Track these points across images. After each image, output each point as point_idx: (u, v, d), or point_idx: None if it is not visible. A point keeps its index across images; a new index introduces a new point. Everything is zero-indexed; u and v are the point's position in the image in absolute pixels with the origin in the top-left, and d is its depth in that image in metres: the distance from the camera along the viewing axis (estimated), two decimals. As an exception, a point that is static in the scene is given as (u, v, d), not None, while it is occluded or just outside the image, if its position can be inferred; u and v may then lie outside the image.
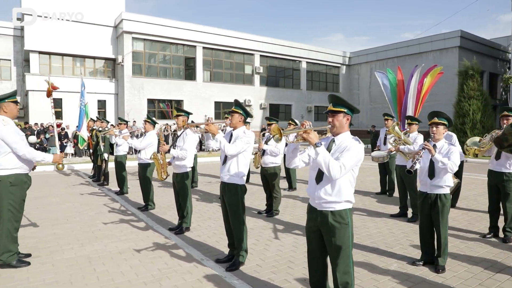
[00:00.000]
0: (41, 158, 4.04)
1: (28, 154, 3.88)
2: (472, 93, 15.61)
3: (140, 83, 23.13)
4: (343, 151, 2.70)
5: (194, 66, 25.79)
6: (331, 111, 2.83)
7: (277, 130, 2.66)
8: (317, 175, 2.79)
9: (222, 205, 4.08)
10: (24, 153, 3.85)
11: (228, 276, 3.74)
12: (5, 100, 3.94)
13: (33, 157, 3.93)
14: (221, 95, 27.03)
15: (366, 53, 32.61)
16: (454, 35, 25.08)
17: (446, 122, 3.93)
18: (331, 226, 2.71)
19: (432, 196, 3.92)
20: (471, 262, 4.15)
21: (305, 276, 3.76)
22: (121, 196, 7.94)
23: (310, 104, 32.45)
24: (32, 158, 3.93)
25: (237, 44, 27.32)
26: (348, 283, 2.76)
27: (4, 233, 3.86)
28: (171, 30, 23.86)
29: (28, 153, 3.89)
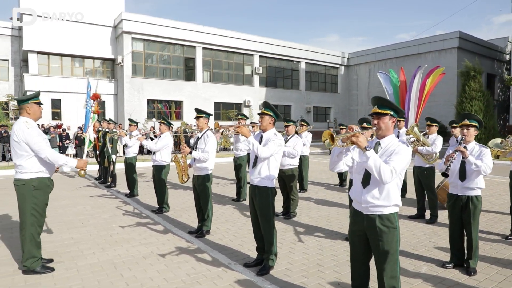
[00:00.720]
0: (63, 162, 3.92)
1: (50, 157, 3.76)
2: (474, 93, 15.70)
3: (140, 83, 22.99)
4: (392, 155, 2.65)
5: (193, 66, 25.70)
6: (377, 113, 2.77)
7: (328, 135, 2.60)
8: (364, 178, 2.74)
9: (251, 208, 4.01)
10: (46, 156, 3.74)
11: (260, 281, 3.68)
12: (28, 101, 3.84)
13: (56, 161, 3.81)
14: (221, 96, 26.98)
15: (365, 54, 32.72)
16: (453, 36, 25.26)
17: (477, 124, 3.91)
18: (379, 230, 2.66)
19: (464, 198, 3.89)
20: (500, 264, 4.13)
21: (337, 280, 3.72)
22: (132, 198, 7.83)
23: (309, 104, 32.48)
24: (55, 161, 3.80)
25: (237, 44, 27.27)
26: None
27: (28, 238, 3.76)
28: (171, 30, 23.76)
29: (51, 155, 3.77)
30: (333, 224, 5.83)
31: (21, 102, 3.82)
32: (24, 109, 3.82)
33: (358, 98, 34.17)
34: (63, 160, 3.92)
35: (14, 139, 3.70)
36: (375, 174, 2.55)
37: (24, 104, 3.82)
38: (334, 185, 9.71)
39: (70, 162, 3.99)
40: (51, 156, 3.76)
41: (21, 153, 3.70)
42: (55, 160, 3.79)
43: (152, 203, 7.37)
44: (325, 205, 7.24)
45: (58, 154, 3.90)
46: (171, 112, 25.08)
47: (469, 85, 15.87)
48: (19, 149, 3.71)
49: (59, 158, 3.86)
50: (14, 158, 3.75)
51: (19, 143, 3.69)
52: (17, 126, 3.73)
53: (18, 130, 3.69)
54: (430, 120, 6.06)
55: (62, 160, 3.89)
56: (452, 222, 3.99)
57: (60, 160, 3.86)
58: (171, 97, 24.58)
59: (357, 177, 2.84)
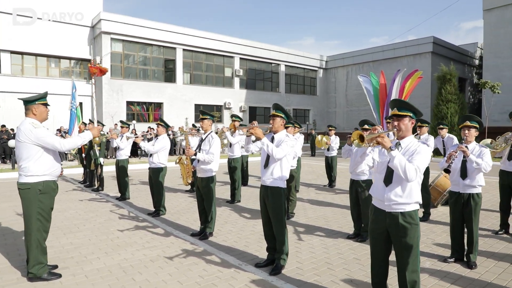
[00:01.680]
0: (82, 141, 3.90)
1: (68, 145, 3.75)
2: (450, 96, 16.38)
3: (119, 85, 22.52)
4: (413, 154, 2.76)
5: (174, 68, 25.44)
6: (397, 115, 2.89)
7: (357, 136, 2.68)
8: (386, 177, 2.84)
9: (263, 209, 4.05)
10: (64, 146, 3.70)
11: (274, 280, 3.72)
12: (35, 101, 3.72)
13: (75, 144, 3.84)
14: (202, 98, 26.83)
15: (342, 57, 33.43)
16: (427, 41, 26.24)
17: (478, 125, 4.12)
18: (402, 226, 2.77)
19: (465, 196, 4.09)
20: (496, 257, 4.35)
21: (349, 277, 3.81)
22: (124, 202, 7.68)
23: (289, 106, 32.78)
24: (75, 145, 3.84)
25: (217, 46, 27.22)
26: (416, 282, 2.82)
27: (34, 244, 3.64)
28: (151, 31, 23.43)
29: (69, 144, 3.76)
30: (332, 224, 5.95)
31: (28, 102, 3.70)
32: (30, 109, 3.70)
33: (336, 100, 34.85)
34: (80, 140, 3.89)
35: (20, 140, 3.58)
36: (400, 173, 2.66)
37: (30, 105, 3.70)
38: (324, 185, 9.87)
39: (86, 137, 3.93)
40: (69, 144, 3.75)
41: (27, 155, 3.58)
42: (75, 144, 3.82)
43: (145, 206, 7.26)
44: (319, 205, 7.37)
45: (71, 138, 3.89)
46: (149, 114, 24.70)
47: (445, 88, 16.55)
48: (24, 150, 3.59)
49: (76, 140, 3.86)
50: (19, 160, 3.62)
51: (26, 144, 3.57)
52: (23, 126, 3.61)
53: (25, 130, 3.57)
54: (421, 121, 6.30)
55: (80, 141, 3.88)
56: (454, 218, 4.18)
57: (78, 141, 3.86)
58: (151, 99, 24.20)
59: (378, 176, 2.94)
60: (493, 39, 19.61)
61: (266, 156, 3.94)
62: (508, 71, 18.85)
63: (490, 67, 19.49)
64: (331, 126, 9.70)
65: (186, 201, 7.81)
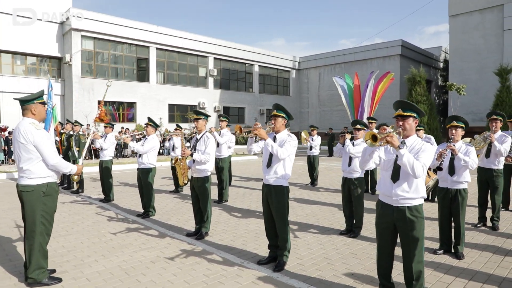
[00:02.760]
0: (68, 170, 3.69)
1: (58, 164, 3.57)
2: (419, 98, 17.15)
3: (90, 83, 21.85)
4: (419, 152, 2.94)
5: (147, 67, 24.99)
6: (402, 115, 3.06)
7: (369, 136, 2.81)
8: (393, 174, 3.01)
9: (265, 208, 4.12)
10: (56, 163, 3.54)
11: (279, 276, 3.81)
12: (33, 101, 3.60)
13: (61, 169, 3.61)
14: (175, 98, 26.53)
15: (315, 58, 34.07)
16: (396, 44, 27.28)
17: (464, 125, 4.40)
18: (409, 220, 2.94)
19: (453, 191, 4.36)
20: (479, 248, 4.67)
21: (349, 271, 3.97)
22: (109, 203, 7.51)
23: (263, 107, 33.06)
24: (61, 169, 3.61)
25: (191, 46, 27.01)
26: (421, 272, 3.01)
27: (36, 248, 3.53)
28: (123, 29, 22.90)
29: (59, 163, 3.59)
30: (322, 221, 6.12)
31: (26, 102, 3.58)
32: (29, 109, 3.58)
33: (308, 100, 35.47)
34: (68, 168, 3.69)
35: (21, 142, 3.45)
36: (408, 170, 2.82)
37: (29, 104, 3.57)
38: (306, 184, 10.08)
39: (73, 170, 3.76)
40: (59, 163, 3.58)
41: (29, 157, 3.47)
42: (62, 167, 3.61)
43: (131, 207, 7.14)
44: (306, 204, 7.54)
45: (64, 161, 3.67)
46: (119, 114, 24.11)
47: (415, 90, 17.31)
48: (26, 152, 3.47)
49: (64, 166, 3.65)
50: (21, 162, 3.49)
51: (27, 145, 3.45)
52: (23, 127, 3.48)
53: (27, 131, 3.45)
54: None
55: (67, 169, 3.67)
56: (442, 213, 4.44)
57: (65, 168, 3.64)
58: (123, 98, 23.63)
59: (385, 173, 3.10)
60: (459, 44, 20.72)
61: (269, 156, 4.03)
62: (472, 75, 19.99)
63: (456, 70, 20.59)
64: (313, 126, 9.93)
65: (172, 202, 7.74)
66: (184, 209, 7.01)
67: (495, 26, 19.43)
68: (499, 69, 16.04)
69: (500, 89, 15.76)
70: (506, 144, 5.35)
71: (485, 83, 19.41)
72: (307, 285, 3.61)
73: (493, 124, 5.49)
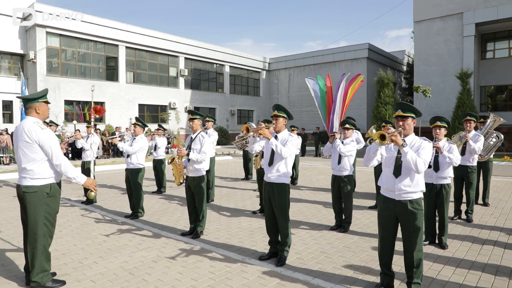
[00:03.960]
0: (74, 175, 3.55)
1: (63, 165, 3.47)
2: (388, 99, 17.95)
3: (56, 82, 20.95)
4: (419, 150, 3.20)
5: (116, 66, 24.30)
6: (401, 116, 3.30)
7: (377, 136, 3.02)
8: (395, 170, 3.24)
9: (267, 205, 4.25)
10: (60, 163, 3.46)
11: (283, 270, 3.95)
12: (38, 99, 3.52)
13: (66, 171, 3.49)
14: (146, 98, 26.00)
15: (285, 60, 34.55)
16: (363, 47, 28.28)
17: (446, 125, 4.76)
18: (411, 212, 3.19)
19: (438, 186, 4.71)
20: (459, 239, 5.06)
21: (347, 263, 4.18)
22: (92, 205, 7.33)
23: (233, 107, 33.12)
24: (65, 172, 3.49)
25: (162, 45, 26.58)
26: (421, 260, 3.27)
27: (40, 251, 3.45)
28: (91, 27, 22.14)
29: (64, 165, 3.48)
30: (310, 218, 6.33)
31: (30, 100, 3.49)
32: (33, 108, 3.49)
33: (279, 101, 35.87)
34: (74, 173, 3.55)
35: (26, 141, 3.36)
36: (412, 166, 3.07)
37: (33, 103, 3.49)
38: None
39: (79, 178, 3.60)
40: (64, 165, 3.47)
41: (33, 156, 3.38)
42: (66, 171, 3.49)
43: (117, 208, 7.02)
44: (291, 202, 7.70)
45: (70, 164, 3.56)
46: (85, 114, 23.31)
47: (383, 91, 18.11)
48: (30, 151, 3.38)
49: (71, 170, 3.53)
50: (24, 162, 3.40)
51: (32, 145, 3.37)
52: (27, 126, 3.39)
53: (31, 130, 3.36)
54: (385, 122, 6.98)
55: (72, 173, 3.53)
56: (428, 206, 4.78)
57: (70, 172, 3.51)
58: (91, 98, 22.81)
59: (387, 170, 3.34)
60: (422, 48, 21.88)
61: (270, 154, 4.16)
62: (435, 77, 21.18)
63: (420, 73, 21.73)
64: (294, 127, 10.18)
65: (158, 202, 7.68)
66: (172, 209, 6.99)
67: (456, 33, 20.73)
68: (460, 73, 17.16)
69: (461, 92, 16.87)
70: (480, 143, 5.82)
71: (447, 85, 20.65)
72: (311, 277, 3.78)
73: (468, 124, 5.94)
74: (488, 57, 22.77)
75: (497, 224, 5.78)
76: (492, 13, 19.58)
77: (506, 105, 22.17)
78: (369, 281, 3.67)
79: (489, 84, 22.76)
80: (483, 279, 3.73)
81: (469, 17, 20.19)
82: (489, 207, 6.92)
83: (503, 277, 3.77)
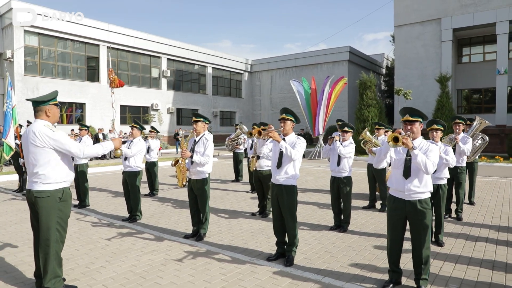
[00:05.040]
0: (103, 150, 3.66)
1: (90, 152, 3.55)
2: (370, 101, 18.41)
3: (35, 82, 20.37)
4: (427, 152, 3.37)
5: (97, 66, 23.83)
6: (409, 120, 3.46)
7: (391, 138, 3.17)
8: (405, 172, 3.40)
9: (275, 206, 4.33)
10: (84, 151, 3.47)
11: (293, 270, 4.05)
12: (48, 102, 3.46)
13: (97, 152, 3.61)
14: (127, 99, 25.61)
15: (267, 62, 34.79)
16: (344, 50, 28.86)
17: (443, 128, 4.98)
18: (420, 211, 3.35)
19: (435, 187, 4.89)
20: (453, 236, 5.30)
21: (352, 262, 4.32)
22: (85, 209, 7.20)
23: (216, 109, 33.08)
24: (96, 154, 3.63)
25: (144, 45, 26.29)
26: (429, 256, 3.45)
27: (53, 256, 3.40)
28: (71, 26, 21.67)
29: (90, 151, 3.56)
30: (308, 219, 6.46)
31: (40, 103, 3.43)
32: (43, 111, 3.43)
33: (261, 103, 36.11)
34: (102, 149, 3.66)
35: (37, 145, 3.30)
36: (421, 168, 3.23)
37: (43, 106, 3.43)
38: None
39: (108, 147, 3.72)
40: (90, 151, 3.55)
41: (45, 161, 3.33)
42: (96, 153, 3.61)
43: (111, 212, 6.94)
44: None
45: (93, 146, 3.65)
46: (62, 115, 22.74)
47: (366, 94, 18.56)
48: (42, 156, 3.33)
49: (97, 148, 3.63)
50: (35, 166, 3.33)
51: (44, 149, 3.32)
52: (38, 130, 3.33)
53: (42, 134, 3.31)
54: (378, 124, 7.20)
55: (101, 149, 3.64)
56: (425, 206, 4.98)
57: (99, 150, 3.63)
58: (72, 99, 22.32)
59: (396, 171, 3.49)
60: (403, 52, 22.56)
61: (278, 157, 4.25)
62: (415, 81, 21.88)
63: (400, 76, 22.40)
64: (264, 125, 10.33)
65: (153, 205, 7.63)
66: (169, 212, 6.97)
67: (434, 38, 21.49)
68: (440, 76, 17.84)
69: (440, 95, 17.52)
70: (468, 145, 6.11)
71: (426, 88, 21.37)
72: (321, 276, 3.89)
73: (457, 127, 6.22)
74: (464, 62, 23.74)
75: (485, 222, 6.08)
76: (468, 19, 20.45)
77: (481, 108, 23.17)
78: (377, 279, 3.82)
79: (465, 87, 23.71)
80: (482, 273, 3.94)
81: (447, 23, 20.99)
82: (475, 206, 7.26)
83: (500, 272, 3.99)
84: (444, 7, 21.29)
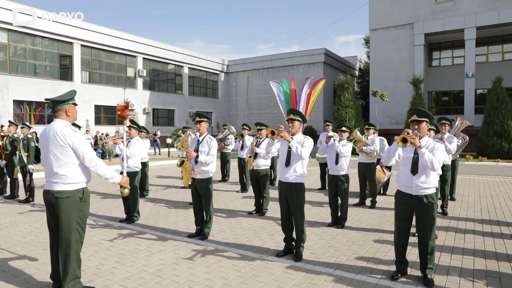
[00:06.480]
0: (110, 176, 3.50)
1: (99, 167, 3.42)
2: (347, 102, 18.97)
3: (4, 81, 19.50)
4: (433, 150, 3.63)
5: (70, 65, 23.11)
6: (417, 120, 3.72)
7: (400, 139, 3.39)
8: (412, 168, 3.65)
9: (284, 204, 4.48)
10: (96, 164, 3.40)
11: (303, 265, 4.21)
12: (68, 101, 3.43)
13: (103, 173, 3.44)
14: (102, 98, 25.01)
15: (243, 62, 34.94)
16: (320, 52, 29.48)
17: (435, 127, 5.32)
18: (426, 205, 3.61)
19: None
20: (443, 230, 5.65)
21: (357, 255, 4.54)
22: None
23: (192, 109, 32.85)
24: (102, 173, 3.45)
25: (119, 44, 25.73)
26: (434, 248, 3.71)
27: (73, 258, 3.37)
28: (43, 22, 20.86)
29: (101, 167, 3.43)
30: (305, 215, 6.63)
31: (60, 103, 3.39)
32: (63, 110, 3.40)
33: (237, 103, 36.21)
34: (110, 174, 3.51)
35: (60, 145, 3.27)
36: (428, 165, 3.48)
37: (63, 105, 3.39)
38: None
39: (116, 178, 3.57)
40: (101, 168, 3.43)
41: (67, 160, 3.31)
42: (104, 172, 3.45)
43: (105, 213, 6.85)
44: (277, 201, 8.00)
45: (105, 165, 3.52)
46: (31, 115, 21.89)
47: (343, 95, 19.11)
48: (63, 156, 3.30)
49: (107, 171, 3.48)
50: (56, 166, 3.29)
51: (66, 149, 3.29)
52: (59, 129, 3.29)
53: (64, 134, 3.28)
54: (368, 125, 7.51)
55: (109, 174, 3.50)
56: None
57: (108, 173, 3.48)
58: (44, 97, 21.42)
59: (404, 168, 3.73)
60: (377, 55, 23.39)
61: (286, 156, 4.40)
62: (389, 83, 22.74)
63: (375, 78, 23.21)
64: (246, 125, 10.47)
65: (146, 206, 7.57)
66: (165, 212, 6.96)
67: (407, 41, 22.44)
68: (413, 79, 18.67)
69: (414, 97, 18.33)
70: (454, 144, 6.51)
71: (400, 90, 22.27)
72: (331, 269, 4.08)
73: (443, 127, 6.62)
74: (435, 65, 24.93)
75: (468, 216, 6.51)
76: (439, 25, 21.51)
77: (450, 109, 24.40)
78: (384, 270, 4.05)
79: (436, 89, 24.89)
80: (477, 262, 4.27)
81: (419, 28, 21.98)
82: (456, 201, 7.73)
83: (492, 260, 4.34)
84: (417, 13, 22.29)
